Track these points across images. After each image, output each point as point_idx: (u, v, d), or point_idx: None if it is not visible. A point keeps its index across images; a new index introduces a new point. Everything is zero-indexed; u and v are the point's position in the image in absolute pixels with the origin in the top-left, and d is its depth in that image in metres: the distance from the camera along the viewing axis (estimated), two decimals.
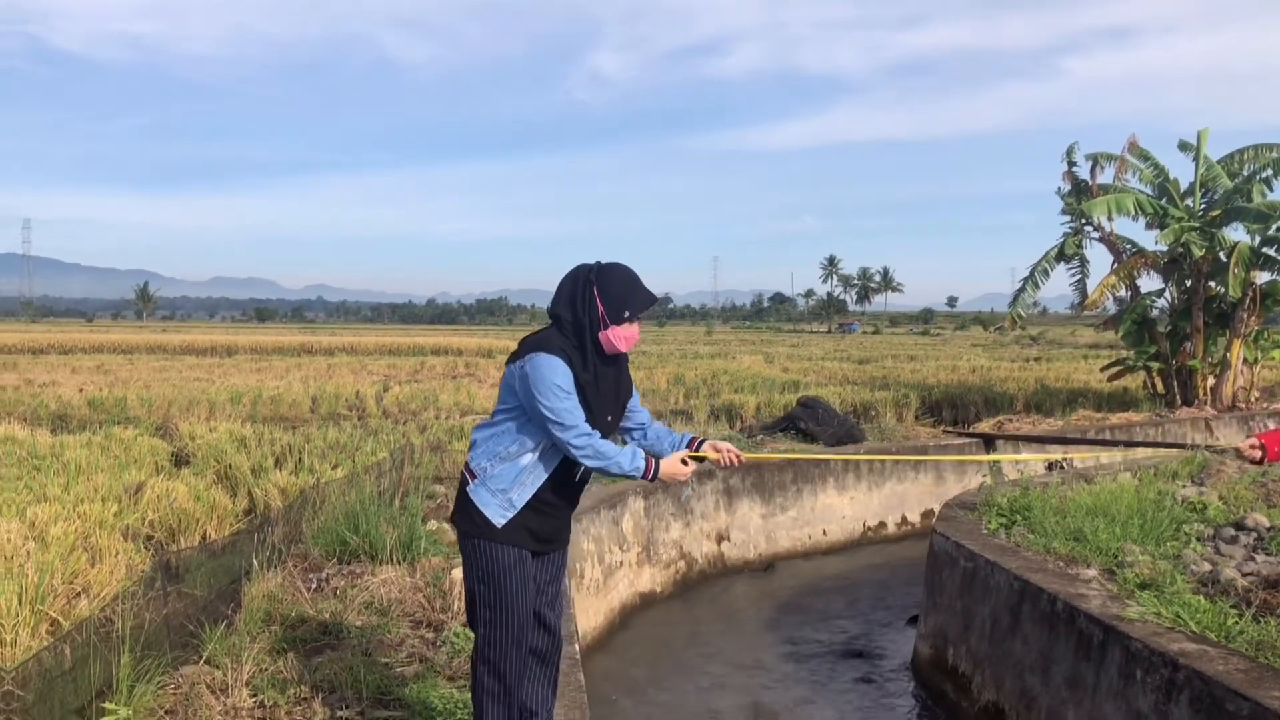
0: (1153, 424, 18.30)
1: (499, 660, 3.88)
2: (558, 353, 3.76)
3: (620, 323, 3.83)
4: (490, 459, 3.87)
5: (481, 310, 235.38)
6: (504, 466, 3.85)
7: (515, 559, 3.86)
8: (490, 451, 3.88)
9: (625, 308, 3.83)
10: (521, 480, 3.85)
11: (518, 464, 3.84)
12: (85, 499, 9.34)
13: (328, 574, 7.14)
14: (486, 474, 3.87)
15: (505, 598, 3.85)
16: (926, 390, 22.81)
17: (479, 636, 3.92)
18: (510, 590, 3.85)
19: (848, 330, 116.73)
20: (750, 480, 13.36)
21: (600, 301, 3.81)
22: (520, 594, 3.87)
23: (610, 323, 3.82)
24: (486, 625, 3.88)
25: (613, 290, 3.82)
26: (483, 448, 3.91)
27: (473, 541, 3.88)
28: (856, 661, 9.40)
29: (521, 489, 3.84)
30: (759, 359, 39.05)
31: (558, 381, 3.71)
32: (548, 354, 3.75)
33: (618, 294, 3.82)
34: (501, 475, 3.85)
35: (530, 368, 3.74)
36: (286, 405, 20.01)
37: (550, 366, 3.72)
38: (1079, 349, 52.32)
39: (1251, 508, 8.27)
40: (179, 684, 5.01)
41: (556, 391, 3.70)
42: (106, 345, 49.21)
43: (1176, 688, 5.17)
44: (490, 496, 3.85)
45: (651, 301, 3.91)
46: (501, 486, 3.85)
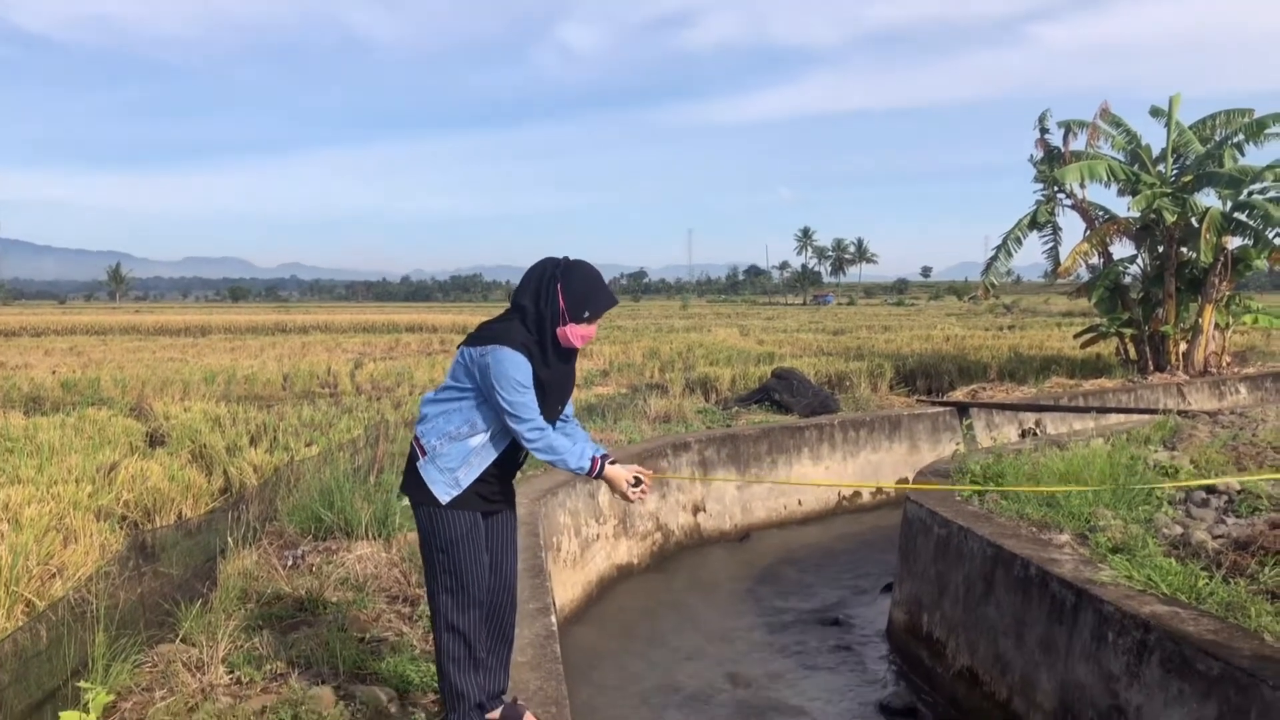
0: (1125, 390, 18.46)
1: (464, 626, 3.99)
2: (520, 348, 3.83)
3: (579, 321, 3.90)
4: (440, 438, 3.95)
5: (456, 287, 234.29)
6: (453, 446, 3.94)
7: (470, 524, 3.98)
8: (440, 430, 3.96)
9: (586, 307, 3.90)
10: (469, 461, 3.94)
11: (467, 445, 3.93)
12: (59, 480, 9.26)
13: (303, 551, 7.12)
14: (436, 452, 3.96)
15: (463, 562, 3.96)
16: (901, 360, 22.89)
17: (441, 604, 4.00)
18: (467, 555, 3.97)
19: (822, 302, 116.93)
20: (726, 452, 13.40)
21: (562, 298, 3.88)
22: (477, 558, 3.99)
23: (570, 320, 3.89)
24: (449, 593, 3.97)
25: (576, 289, 3.89)
26: (433, 424, 3.99)
27: (426, 510, 3.98)
28: (832, 629, 9.47)
29: (469, 469, 3.94)
30: (734, 332, 39.10)
31: (518, 377, 3.79)
32: (511, 349, 3.82)
33: (580, 293, 3.89)
34: (450, 455, 3.94)
35: (493, 359, 3.81)
36: (261, 384, 19.89)
37: (513, 362, 3.80)
38: (1052, 317, 52.65)
39: (1222, 470, 8.36)
40: (155, 662, 4.99)
41: (516, 386, 3.79)
42: (79, 327, 48.78)
43: (1148, 649, 5.24)
44: (438, 474, 3.94)
45: (611, 303, 3.99)
46: (450, 465, 3.94)
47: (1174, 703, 5.02)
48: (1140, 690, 5.27)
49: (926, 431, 15.74)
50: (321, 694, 4.62)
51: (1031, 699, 6.32)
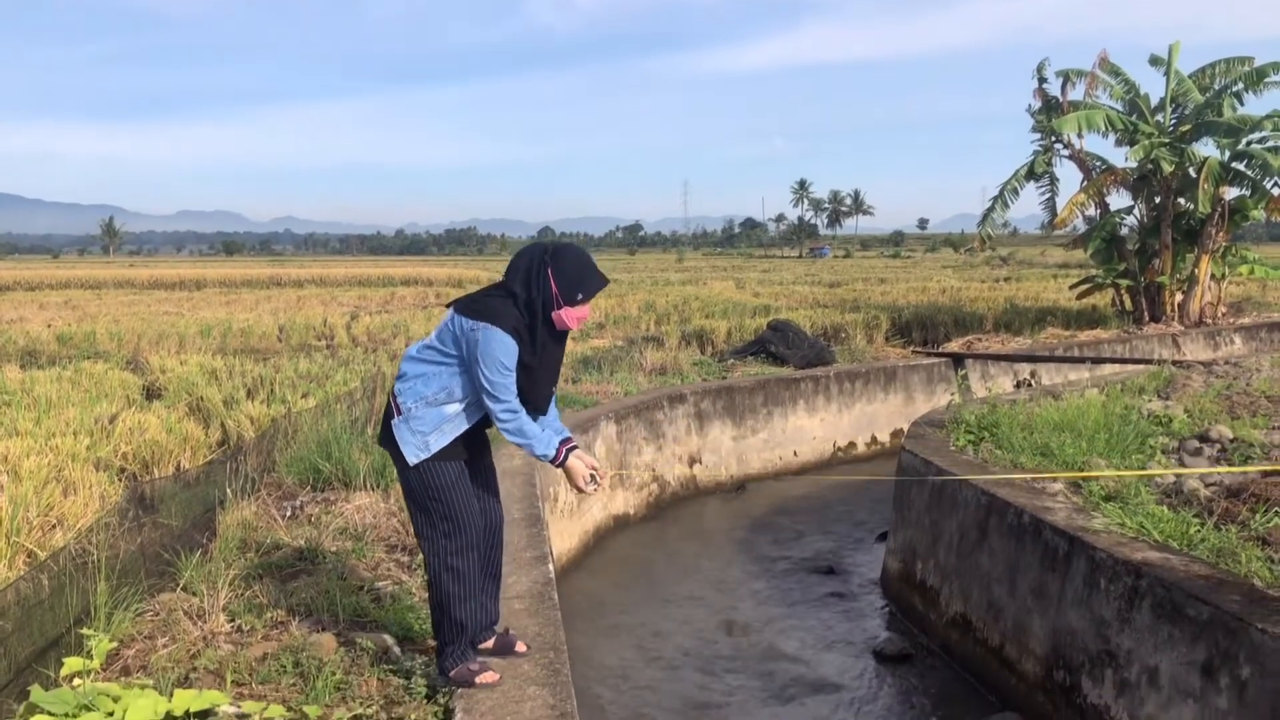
0: (1120, 341, 18.50)
1: (464, 566, 4.09)
2: (510, 332, 3.88)
3: (573, 304, 3.96)
4: (416, 400, 4.01)
5: (451, 240, 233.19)
6: (428, 411, 4.00)
7: (456, 472, 4.07)
8: (418, 393, 4.02)
9: (579, 290, 3.95)
10: (442, 429, 4.01)
11: (442, 412, 4.00)
12: (57, 433, 9.28)
13: (302, 501, 7.16)
14: (410, 414, 4.02)
15: (455, 506, 4.05)
16: (897, 312, 22.89)
17: (439, 549, 4.08)
18: (459, 499, 4.06)
19: (819, 254, 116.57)
20: (721, 404, 13.44)
21: (555, 283, 3.92)
22: (468, 503, 4.09)
23: (564, 303, 3.94)
24: (447, 537, 4.07)
25: (567, 273, 3.93)
26: (411, 385, 4.04)
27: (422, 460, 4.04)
28: (827, 578, 9.57)
29: (440, 435, 4.00)
30: (730, 285, 39.03)
31: (504, 360, 3.86)
32: (501, 331, 3.87)
33: (572, 276, 3.94)
34: (425, 419, 4.00)
35: (482, 337, 3.86)
36: (257, 337, 19.86)
37: (502, 344, 3.85)
38: (1048, 269, 52.57)
39: (1216, 420, 8.40)
40: (156, 611, 5.03)
41: (499, 368, 3.86)
42: (73, 281, 48.59)
43: (1139, 595, 5.30)
44: (410, 436, 4.00)
45: (603, 284, 4.04)
46: (422, 430, 4.00)
47: (1164, 647, 5.09)
48: (1131, 635, 5.34)
49: (922, 382, 15.79)
50: (322, 640, 4.68)
51: (1023, 645, 6.40)
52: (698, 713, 6.81)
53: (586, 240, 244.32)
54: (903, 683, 7.26)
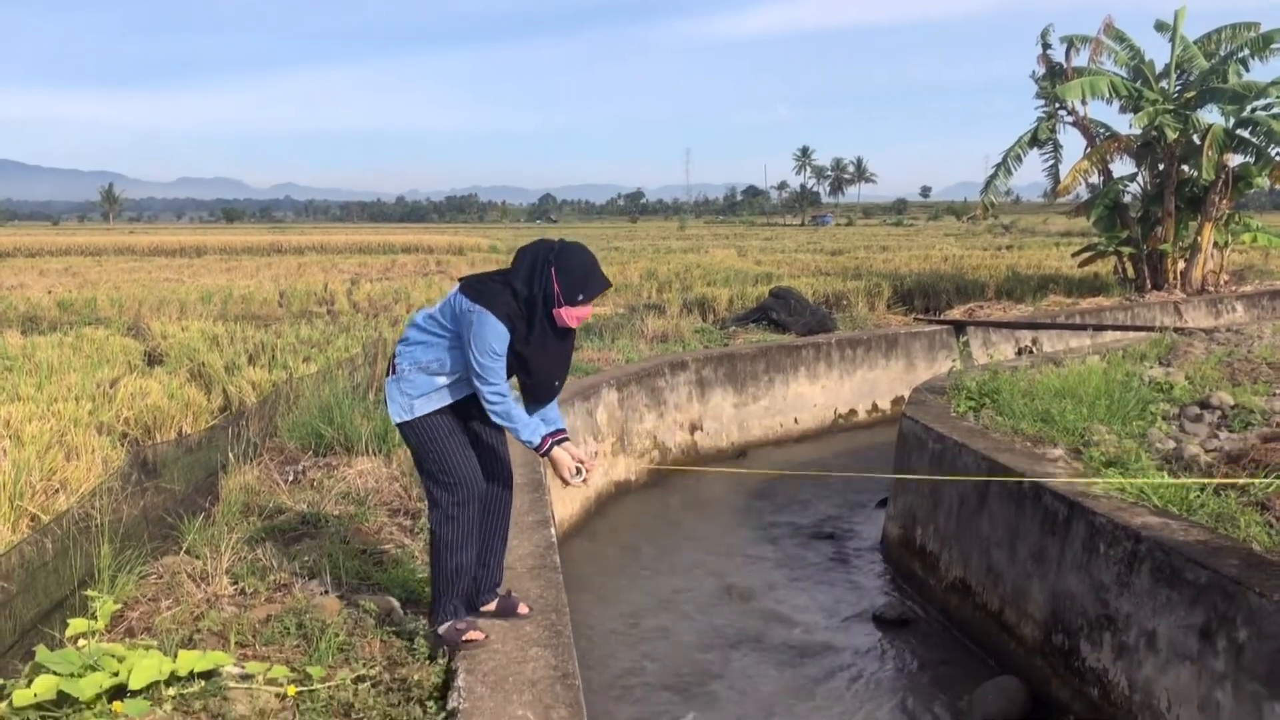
0: (1122, 308, 18.48)
1: (461, 516, 4.18)
2: (504, 319, 3.96)
3: (574, 304, 4.01)
4: (412, 364, 4.14)
5: (452, 208, 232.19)
6: (420, 377, 4.12)
7: (448, 426, 4.16)
8: (415, 358, 4.14)
9: (580, 291, 4.00)
10: (429, 396, 4.12)
11: (434, 381, 4.12)
12: (59, 398, 9.28)
13: (304, 466, 7.18)
14: (403, 375, 4.15)
15: (451, 459, 4.14)
16: (899, 279, 22.82)
17: (440, 500, 4.17)
18: (453, 451, 4.15)
19: (821, 222, 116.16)
20: (723, 371, 13.45)
21: (557, 282, 3.97)
22: (464, 454, 4.17)
23: (565, 303, 4.00)
24: (447, 489, 4.16)
25: (570, 273, 3.98)
26: (411, 350, 4.16)
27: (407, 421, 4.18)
28: (827, 543, 9.61)
29: (426, 402, 4.12)
30: (732, 252, 38.91)
31: (494, 345, 3.95)
32: (495, 317, 3.94)
33: (574, 277, 3.99)
34: (415, 384, 4.12)
35: (476, 320, 3.95)
36: (258, 304, 19.84)
37: (493, 329, 3.94)
38: (1051, 236, 52.40)
39: (1217, 386, 8.41)
40: (160, 573, 5.06)
41: (490, 352, 3.95)
42: (74, 247, 48.47)
43: (1138, 559, 5.33)
44: (399, 395, 4.15)
45: (605, 287, 4.10)
46: (410, 392, 4.13)
47: (1162, 610, 5.11)
48: (1130, 599, 5.37)
49: (923, 350, 15.79)
50: (326, 603, 4.70)
51: (1022, 609, 6.44)
52: (698, 676, 6.86)
53: (588, 208, 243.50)
54: (902, 647, 7.30)
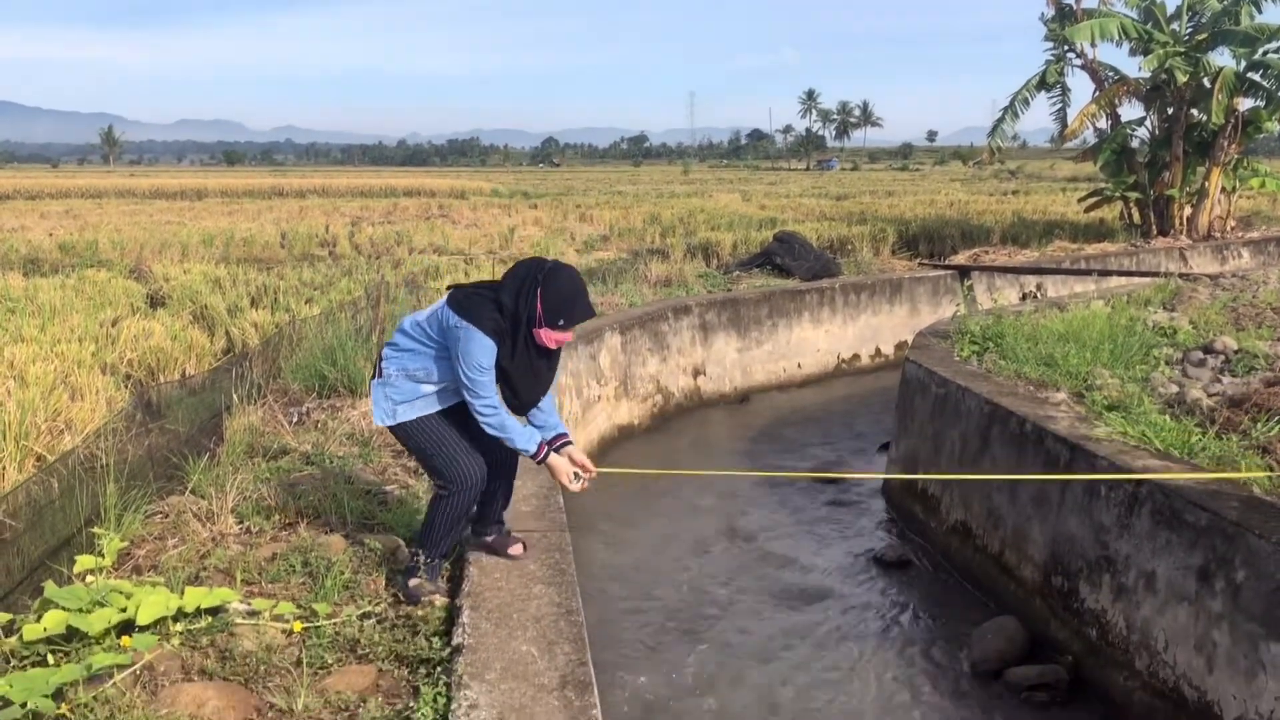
0: (1128, 254, 18.39)
1: (461, 500, 4.25)
2: (491, 334, 4.02)
3: (554, 328, 4.05)
4: (399, 370, 4.21)
5: (454, 151, 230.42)
6: (406, 384, 4.20)
7: (435, 421, 4.26)
8: (402, 365, 4.21)
9: (561, 316, 4.04)
10: (413, 403, 4.21)
11: (419, 389, 4.20)
12: (62, 339, 9.29)
13: (308, 408, 7.20)
14: (389, 380, 4.23)
15: (446, 453, 4.21)
16: (904, 225, 22.69)
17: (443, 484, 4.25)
18: (448, 445, 4.22)
19: (826, 167, 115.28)
20: (726, 316, 13.43)
21: (541, 303, 4.01)
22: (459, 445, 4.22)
23: (545, 325, 4.04)
24: (447, 480, 4.22)
25: (555, 297, 4.01)
26: (399, 355, 4.22)
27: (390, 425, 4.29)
28: (828, 487, 9.64)
29: (409, 409, 4.21)
30: (736, 197, 38.65)
31: (481, 360, 4.01)
32: (481, 332, 4.00)
33: (558, 302, 4.02)
34: (400, 389, 4.21)
35: (463, 335, 4.01)
36: (260, 246, 19.77)
37: (480, 345, 3.99)
38: (1057, 182, 52.02)
39: (1221, 331, 8.39)
40: (166, 512, 5.10)
41: (477, 367, 4.02)
42: (74, 190, 48.26)
43: (1139, 501, 5.35)
44: (383, 399, 4.24)
45: (588, 315, 4.14)
46: (394, 398, 4.22)
47: (1162, 552, 5.15)
48: (1129, 541, 5.40)
49: (927, 295, 15.75)
50: (330, 541, 4.74)
51: (1022, 551, 6.48)
52: (699, 616, 6.93)
53: (591, 151, 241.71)
54: (902, 588, 7.37)
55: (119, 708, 3.28)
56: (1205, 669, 4.80)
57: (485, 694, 3.37)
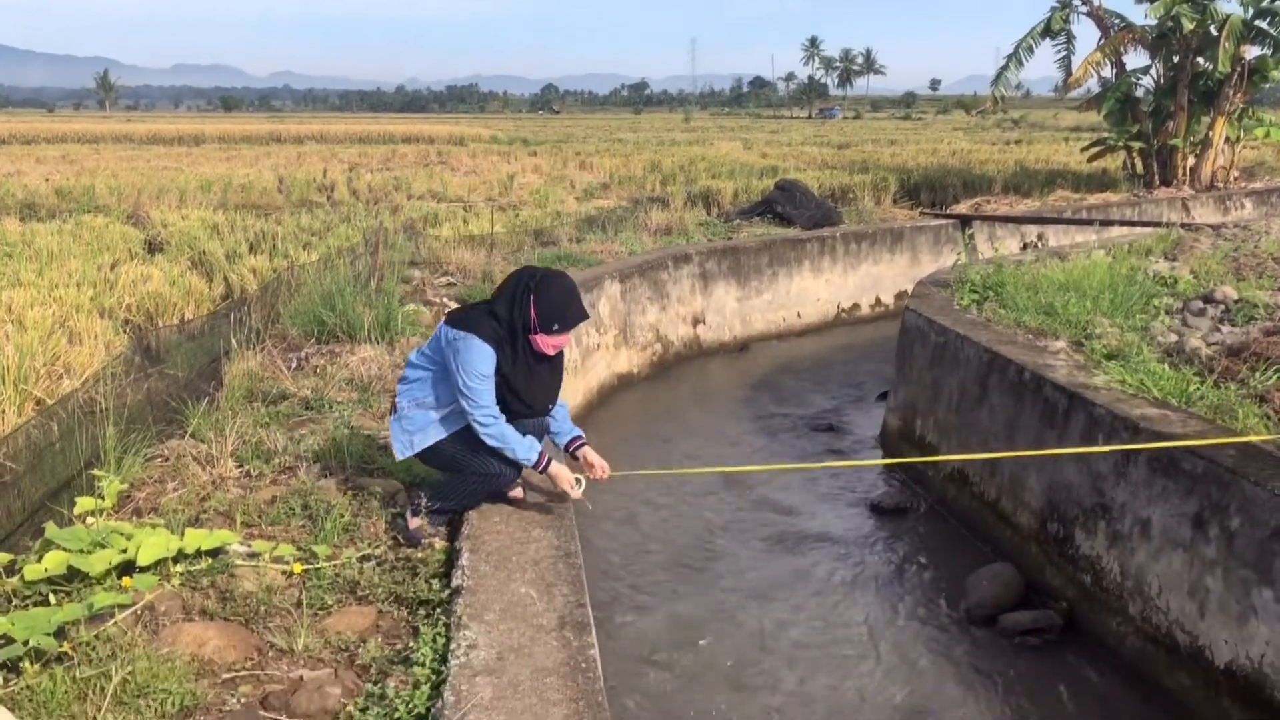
0: (1130, 204, 18.30)
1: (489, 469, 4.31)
2: (490, 341, 4.10)
3: (549, 333, 4.15)
4: (410, 401, 4.33)
5: (452, 98, 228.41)
6: (418, 413, 4.30)
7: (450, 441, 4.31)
8: (412, 395, 4.32)
9: (555, 321, 4.14)
10: (426, 431, 4.30)
11: (429, 416, 4.29)
12: (60, 284, 9.28)
13: (307, 353, 7.20)
14: (403, 413, 4.35)
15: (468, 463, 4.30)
16: (906, 174, 22.54)
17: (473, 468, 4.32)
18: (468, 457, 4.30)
19: (828, 115, 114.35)
20: (726, 264, 13.38)
21: (534, 310, 4.11)
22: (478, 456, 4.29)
23: (540, 330, 4.14)
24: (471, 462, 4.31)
25: (547, 303, 4.11)
26: (409, 387, 4.34)
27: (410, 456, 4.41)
28: (826, 435, 9.68)
29: (424, 436, 4.30)
30: (737, 145, 38.38)
31: (480, 369, 4.09)
32: (480, 340, 4.09)
33: (551, 309, 4.12)
34: (414, 419, 4.31)
35: (462, 346, 4.09)
36: (258, 193, 19.66)
37: (480, 352, 4.08)
38: (1060, 131, 51.62)
39: (1221, 281, 8.37)
40: (166, 456, 5.11)
41: (477, 375, 4.09)
42: (70, 135, 47.83)
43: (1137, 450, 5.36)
44: (400, 432, 4.34)
45: (582, 319, 4.24)
46: (410, 429, 4.32)
47: (1157, 499, 5.17)
48: (1126, 488, 5.43)
49: (928, 244, 15.69)
50: (330, 485, 4.76)
51: (1019, 498, 6.51)
52: (696, 561, 6.98)
53: (591, 98, 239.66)
54: (898, 535, 7.41)
55: (120, 646, 3.31)
56: (1198, 614, 4.84)
57: (484, 634, 3.40)
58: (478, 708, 2.97)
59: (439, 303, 9.24)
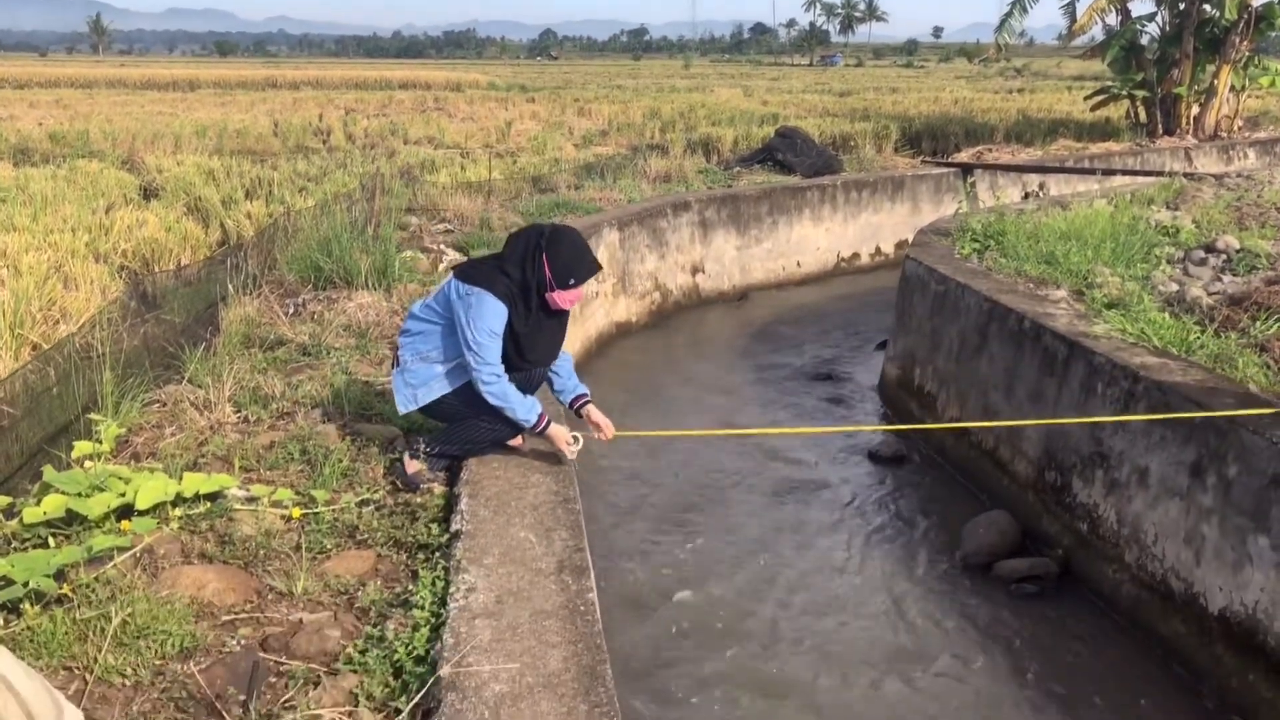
0: (1132, 153, 18.17)
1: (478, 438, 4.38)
2: (503, 298, 4.09)
3: (566, 288, 4.14)
4: (413, 354, 4.31)
5: (449, 43, 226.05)
6: (421, 367, 4.28)
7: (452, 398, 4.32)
8: (416, 349, 4.30)
9: (571, 275, 4.13)
10: (429, 385, 4.28)
11: (433, 370, 4.28)
12: (55, 229, 9.20)
13: (304, 299, 7.16)
14: (406, 367, 4.33)
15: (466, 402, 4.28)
16: (907, 122, 22.34)
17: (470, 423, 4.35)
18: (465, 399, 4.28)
19: (829, 63, 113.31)
20: (726, 212, 13.30)
21: (548, 268, 4.10)
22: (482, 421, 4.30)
23: (556, 287, 4.13)
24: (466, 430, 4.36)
25: (561, 259, 4.11)
26: (411, 340, 4.32)
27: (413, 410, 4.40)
28: (825, 384, 9.68)
29: (427, 391, 4.29)
30: (737, 92, 38.03)
31: (492, 325, 4.07)
32: (494, 297, 4.07)
33: (565, 263, 4.11)
34: (417, 373, 4.29)
35: (475, 301, 4.07)
36: (253, 139, 19.49)
37: (493, 309, 4.06)
38: (1063, 80, 51.16)
39: (1224, 231, 8.32)
40: (163, 401, 5.09)
41: (487, 332, 4.07)
42: (63, 80, 47.35)
43: (1135, 398, 5.36)
44: (403, 386, 4.32)
45: (595, 270, 4.24)
46: (413, 383, 4.30)
47: (1155, 448, 5.18)
48: (1124, 437, 5.43)
49: (929, 192, 15.59)
50: (328, 431, 4.76)
51: (1017, 447, 6.52)
52: (694, 509, 7.00)
53: (589, 44, 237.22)
54: (896, 483, 7.44)
55: (120, 589, 3.32)
56: (1193, 562, 4.86)
57: (483, 578, 3.40)
58: (477, 649, 2.99)
59: (436, 250, 9.18)
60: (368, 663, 3.06)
